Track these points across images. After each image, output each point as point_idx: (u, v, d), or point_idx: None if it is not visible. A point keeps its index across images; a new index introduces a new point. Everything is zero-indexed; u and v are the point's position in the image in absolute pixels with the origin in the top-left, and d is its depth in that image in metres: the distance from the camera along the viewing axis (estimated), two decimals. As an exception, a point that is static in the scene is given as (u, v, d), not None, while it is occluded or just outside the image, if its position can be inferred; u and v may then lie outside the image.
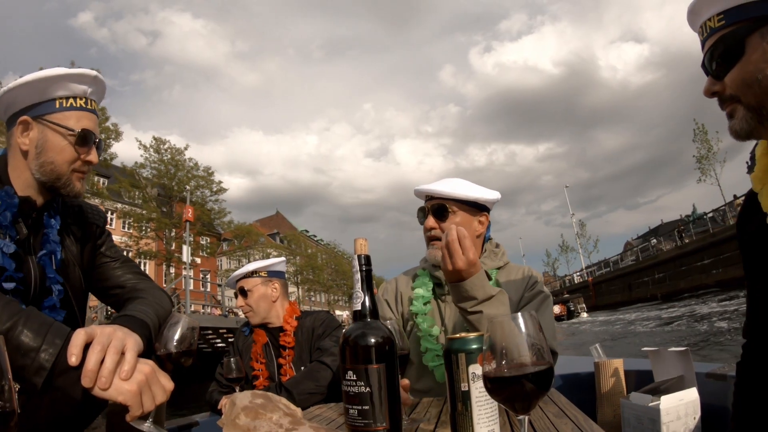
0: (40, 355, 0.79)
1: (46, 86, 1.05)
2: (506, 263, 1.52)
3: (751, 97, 0.78)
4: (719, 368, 1.49)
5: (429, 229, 1.45)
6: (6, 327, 0.79)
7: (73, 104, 1.08)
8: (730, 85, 0.80)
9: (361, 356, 0.70)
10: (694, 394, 1.31)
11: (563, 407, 1.01)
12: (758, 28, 0.75)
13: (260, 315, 2.03)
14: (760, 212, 0.88)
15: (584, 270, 42.43)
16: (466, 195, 1.45)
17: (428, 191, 1.47)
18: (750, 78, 0.77)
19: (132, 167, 24.77)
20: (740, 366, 1.00)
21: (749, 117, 0.80)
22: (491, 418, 0.72)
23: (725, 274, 20.10)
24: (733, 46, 0.78)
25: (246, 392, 0.95)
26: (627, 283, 30.85)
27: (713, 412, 1.36)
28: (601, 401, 1.60)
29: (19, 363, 0.77)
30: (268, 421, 0.87)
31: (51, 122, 1.06)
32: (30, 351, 0.78)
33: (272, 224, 55.39)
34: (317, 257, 49.57)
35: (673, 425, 1.26)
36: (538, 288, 1.44)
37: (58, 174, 1.07)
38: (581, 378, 1.93)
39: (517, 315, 0.57)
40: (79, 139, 1.07)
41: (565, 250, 52.20)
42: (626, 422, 1.37)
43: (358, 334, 0.72)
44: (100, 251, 1.27)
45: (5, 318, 0.80)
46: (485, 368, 0.57)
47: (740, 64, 0.78)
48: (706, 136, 30.03)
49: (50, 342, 0.80)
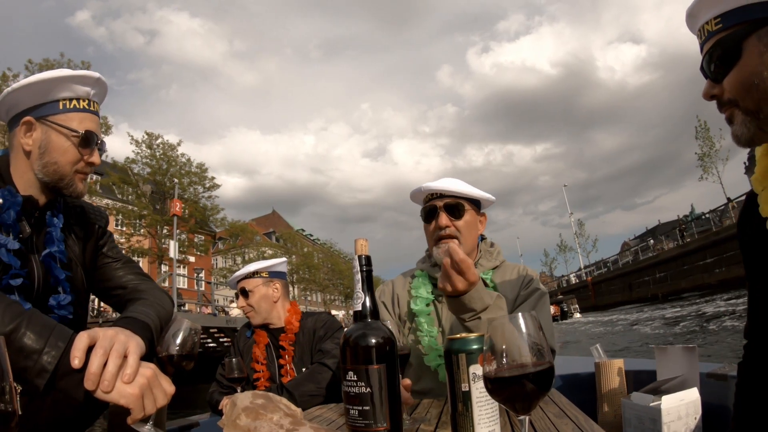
0: (43, 358, 0.79)
1: (50, 88, 1.06)
2: (502, 262, 1.52)
3: (749, 100, 0.78)
4: (720, 368, 1.49)
5: (443, 227, 1.41)
6: (9, 329, 0.79)
7: (77, 106, 1.09)
8: (729, 89, 0.80)
9: (362, 357, 0.70)
10: (695, 394, 1.31)
11: (564, 407, 1.01)
12: (755, 31, 0.75)
13: (261, 315, 2.03)
14: (759, 214, 0.88)
15: (582, 270, 42.17)
16: (475, 194, 1.45)
17: (441, 189, 1.44)
18: (747, 81, 0.77)
19: (123, 163, 24.32)
20: (741, 366, 1.00)
21: (748, 121, 0.79)
22: (492, 418, 0.72)
23: (728, 273, 19.92)
24: (731, 49, 0.78)
25: (247, 393, 0.95)
26: (627, 283, 30.72)
27: (714, 412, 1.36)
28: (602, 401, 1.60)
29: (21, 365, 0.78)
30: (268, 421, 0.87)
31: (54, 123, 1.07)
32: (33, 353, 0.79)
33: (268, 223, 54.89)
34: (313, 256, 48.99)
35: (674, 425, 1.26)
36: (534, 286, 1.44)
37: (61, 174, 1.08)
38: (582, 378, 1.93)
39: (518, 315, 0.57)
40: (83, 141, 1.08)
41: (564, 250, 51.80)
42: (627, 422, 1.37)
43: (358, 334, 0.72)
44: (102, 251, 1.27)
45: (8, 320, 0.80)
46: (486, 368, 0.57)
47: (737, 67, 0.78)
48: (709, 134, 29.71)
49: (53, 344, 0.81)
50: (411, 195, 1.55)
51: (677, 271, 24.84)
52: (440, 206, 1.43)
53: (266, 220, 56.99)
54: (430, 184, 1.46)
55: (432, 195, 1.46)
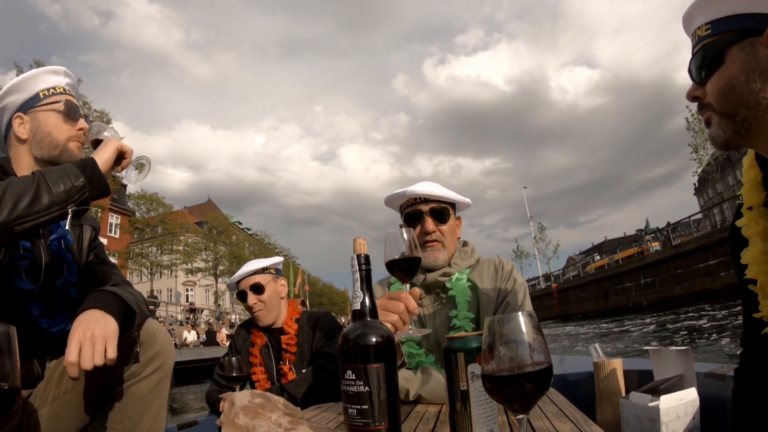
0: (79, 180, 0.99)
1: (28, 85, 1.22)
2: (477, 260, 1.51)
3: (725, 104, 0.81)
4: (718, 368, 1.49)
5: (430, 232, 1.42)
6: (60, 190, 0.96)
7: (54, 92, 1.25)
8: (709, 92, 0.84)
9: (361, 356, 0.70)
10: (693, 394, 1.31)
11: (562, 407, 1.01)
12: (740, 40, 0.79)
13: (272, 314, 1.99)
14: None
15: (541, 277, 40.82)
16: (458, 198, 1.47)
17: (427, 194, 1.43)
18: (726, 87, 0.81)
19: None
20: (738, 373, 1.02)
21: (724, 124, 0.83)
22: (490, 417, 0.72)
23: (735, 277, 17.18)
24: (715, 55, 0.82)
25: (245, 392, 0.95)
26: (603, 290, 25.96)
27: (712, 411, 1.36)
28: (601, 401, 1.60)
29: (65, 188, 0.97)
30: (267, 420, 0.87)
31: (40, 109, 1.22)
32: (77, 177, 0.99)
33: (201, 212, 47.61)
34: (244, 247, 43.44)
35: (672, 425, 1.26)
36: (513, 276, 1.43)
37: (56, 143, 1.22)
38: (580, 378, 1.93)
39: (517, 314, 0.57)
40: (66, 111, 1.24)
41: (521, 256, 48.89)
42: (625, 422, 1.37)
43: (358, 333, 0.72)
44: (93, 252, 1.33)
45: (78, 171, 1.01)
46: (484, 368, 0.57)
47: (719, 72, 0.81)
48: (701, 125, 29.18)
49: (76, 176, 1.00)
50: (387, 200, 1.53)
51: (669, 275, 20.62)
52: (426, 211, 1.43)
53: (200, 209, 50.13)
54: (415, 188, 1.45)
55: (415, 200, 1.45)
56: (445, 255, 1.44)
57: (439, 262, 1.44)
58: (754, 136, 0.82)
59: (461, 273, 1.45)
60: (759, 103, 0.78)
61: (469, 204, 1.53)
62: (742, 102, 0.79)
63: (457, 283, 1.42)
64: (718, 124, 0.83)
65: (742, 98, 0.79)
